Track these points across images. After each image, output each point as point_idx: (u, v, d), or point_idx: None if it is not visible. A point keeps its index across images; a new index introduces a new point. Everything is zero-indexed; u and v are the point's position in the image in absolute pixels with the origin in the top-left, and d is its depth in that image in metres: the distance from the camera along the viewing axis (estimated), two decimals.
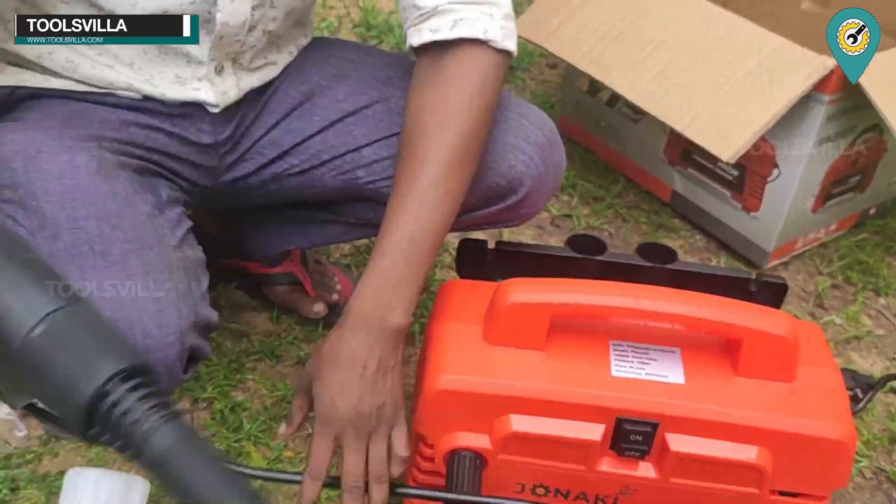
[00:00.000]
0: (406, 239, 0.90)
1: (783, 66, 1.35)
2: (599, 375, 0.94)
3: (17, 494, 1.10)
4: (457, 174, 0.92)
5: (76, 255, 0.83)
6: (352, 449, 0.90)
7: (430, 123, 0.92)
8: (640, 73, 1.46)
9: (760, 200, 1.50)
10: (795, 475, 0.96)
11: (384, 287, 0.90)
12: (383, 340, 0.91)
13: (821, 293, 1.50)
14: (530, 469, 0.98)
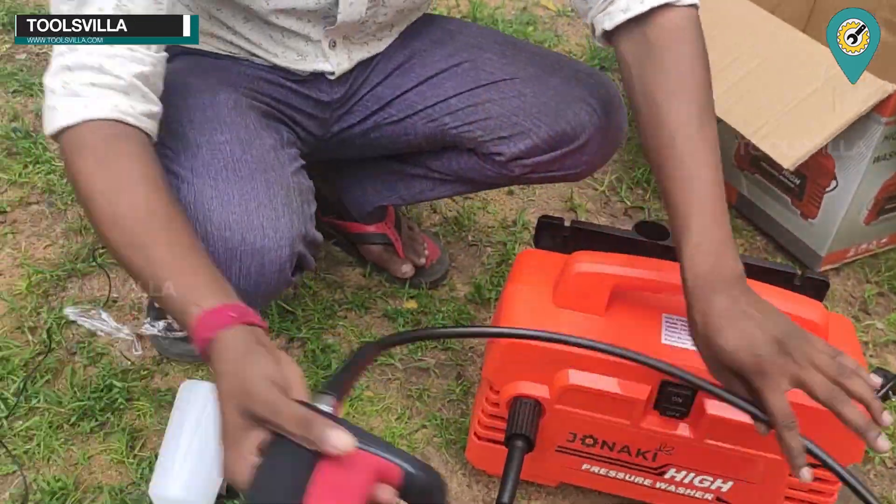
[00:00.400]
0: (712, 193, 0.91)
1: (847, 87, 1.46)
2: (650, 342, 1.08)
3: (130, 404, 1.29)
4: (713, 125, 0.95)
5: (211, 169, 1.00)
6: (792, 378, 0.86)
7: (672, 98, 0.95)
8: (717, 82, 1.57)
9: (818, 208, 1.61)
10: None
11: (722, 239, 0.90)
12: (743, 286, 0.90)
13: (867, 299, 1.61)
14: (582, 420, 1.12)
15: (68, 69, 0.87)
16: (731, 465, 1.12)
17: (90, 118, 0.85)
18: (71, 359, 1.32)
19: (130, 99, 0.89)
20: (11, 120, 1.78)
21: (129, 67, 0.89)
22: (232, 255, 0.98)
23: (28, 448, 1.19)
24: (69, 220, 1.57)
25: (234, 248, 0.98)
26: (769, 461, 1.10)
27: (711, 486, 1.15)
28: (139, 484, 1.16)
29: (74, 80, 0.87)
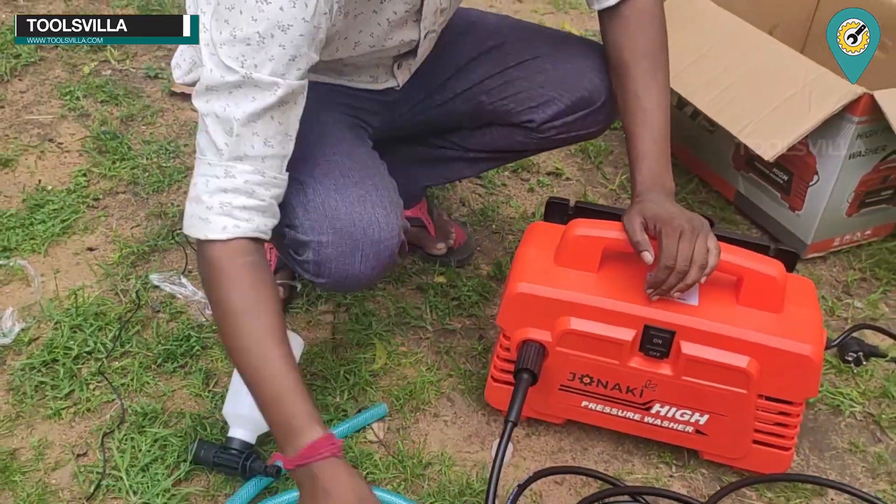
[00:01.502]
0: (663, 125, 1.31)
1: (821, 91, 1.69)
2: (635, 294, 1.31)
3: (205, 352, 1.55)
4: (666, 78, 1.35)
5: (330, 177, 1.27)
6: (687, 240, 1.19)
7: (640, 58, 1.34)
8: (710, 89, 1.83)
9: (803, 201, 1.83)
10: (776, 383, 1.30)
11: (662, 165, 1.30)
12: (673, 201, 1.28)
13: (849, 283, 1.82)
14: (579, 361, 1.35)
15: (225, 191, 1.11)
16: (706, 400, 1.34)
17: (237, 236, 1.11)
18: (155, 315, 1.59)
19: (266, 216, 1.14)
20: (101, 124, 2.08)
21: (272, 191, 1.14)
22: (356, 246, 1.25)
23: (123, 382, 1.46)
24: (151, 207, 1.85)
25: (357, 240, 1.25)
26: (737, 395, 1.31)
27: (690, 420, 1.37)
28: (213, 412, 1.42)
29: (230, 202, 1.10)
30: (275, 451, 1.35)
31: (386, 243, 1.27)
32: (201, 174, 1.12)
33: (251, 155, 1.11)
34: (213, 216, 1.11)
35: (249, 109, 1.08)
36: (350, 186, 1.27)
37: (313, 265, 1.26)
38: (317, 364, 1.53)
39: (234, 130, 1.09)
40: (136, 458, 1.33)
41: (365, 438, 1.41)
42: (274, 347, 1.10)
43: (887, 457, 1.45)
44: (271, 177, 1.14)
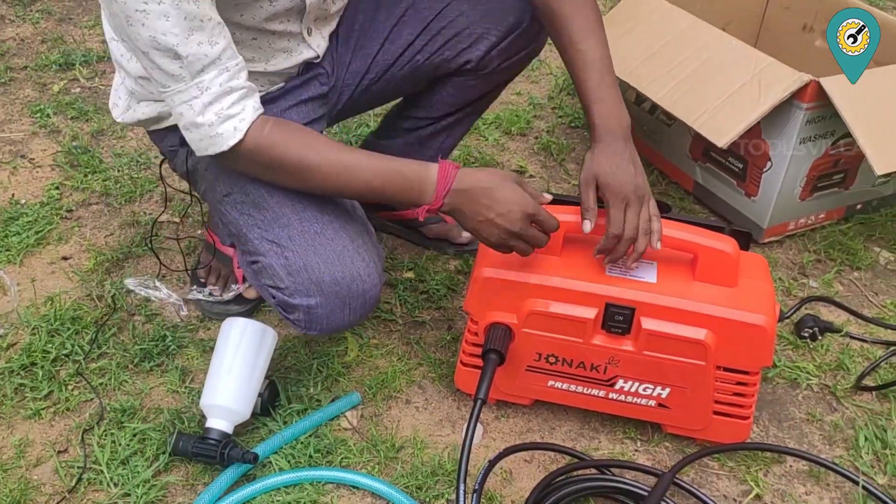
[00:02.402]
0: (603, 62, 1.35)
1: (770, 79, 1.77)
2: (596, 275, 1.37)
3: (181, 351, 1.59)
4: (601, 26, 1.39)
5: (307, 236, 1.34)
6: (633, 210, 1.29)
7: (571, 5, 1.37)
8: (665, 82, 1.90)
9: (758, 187, 1.90)
10: (733, 353, 1.37)
11: (611, 100, 1.33)
12: (629, 140, 1.33)
13: (804, 265, 1.89)
14: (544, 341, 1.40)
15: (210, 104, 1.20)
16: (667, 373, 1.40)
17: (248, 127, 1.22)
18: (131, 318, 1.64)
19: (253, 96, 1.24)
20: (72, 139, 2.12)
21: (242, 75, 1.23)
22: (343, 302, 1.34)
23: (102, 381, 1.50)
24: (123, 216, 1.89)
25: (344, 296, 1.34)
26: (696, 367, 1.37)
27: (653, 394, 1.43)
28: (190, 406, 1.47)
29: (222, 109, 1.20)
30: (252, 443, 1.40)
31: (370, 293, 1.36)
32: (179, 102, 1.21)
33: (208, 62, 1.18)
34: (217, 129, 1.21)
35: (173, 29, 1.14)
36: (327, 244, 1.34)
37: (304, 322, 1.36)
38: (290, 359, 1.58)
39: (179, 53, 1.16)
40: (116, 452, 1.37)
41: (339, 426, 1.46)
42: (350, 151, 1.29)
43: (843, 424, 1.51)
44: (234, 65, 1.22)
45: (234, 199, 1.39)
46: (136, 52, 1.19)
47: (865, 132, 1.71)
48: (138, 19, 1.13)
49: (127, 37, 1.18)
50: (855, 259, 1.91)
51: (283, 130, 1.26)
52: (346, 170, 1.27)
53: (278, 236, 1.34)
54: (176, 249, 1.81)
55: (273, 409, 1.46)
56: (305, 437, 1.41)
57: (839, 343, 1.68)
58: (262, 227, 1.36)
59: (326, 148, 1.28)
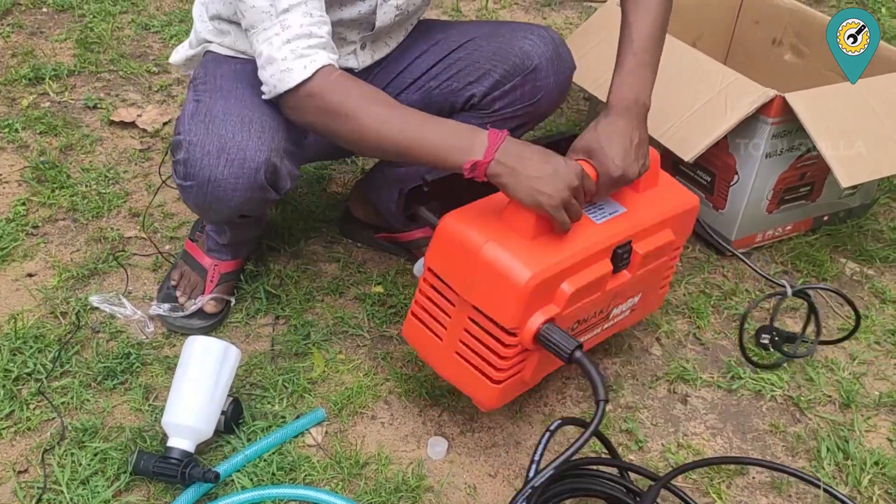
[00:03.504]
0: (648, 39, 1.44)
1: (736, 94, 1.78)
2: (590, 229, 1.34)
3: (145, 368, 1.59)
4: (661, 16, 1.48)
5: (227, 97, 1.42)
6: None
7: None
8: None
9: (726, 200, 1.92)
10: (681, 236, 1.50)
11: (636, 77, 1.41)
12: (639, 119, 1.40)
13: (772, 276, 1.90)
14: (575, 312, 1.34)
15: (288, 41, 1.30)
16: (644, 282, 1.47)
17: (316, 69, 1.30)
18: (95, 336, 1.63)
19: (328, 51, 1.33)
20: (40, 154, 2.11)
21: (324, 28, 1.33)
22: (222, 147, 1.38)
23: (63, 400, 1.49)
24: (90, 232, 1.88)
25: (225, 143, 1.38)
26: (662, 263, 1.48)
27: (630, 304, 1.49)
28: (153, 425, 1.46)
29: (298, 47, 1.30)
30: (215, 461, 1.40)
31: (251, 153, 1.38)
32: (262, 40, 1.32)
33: (294, 3, 1.30)
34: (290, 63, 1.30)
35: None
36: (240, 108, 1.41)
37: (182, 165, 1.40)
38: (255, 375, 1.57)
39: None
40: (77, 472, 1.36)
41: (303, 443, 1.45)
42: (401, 108, 1.31)
43: (805, 436, 1.52)
44: (319, 16, 1.33)
45: (197, 83, 1.50)
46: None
47: (831, 146, 1.72)
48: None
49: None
50: (821, 270, 1.92)
51: (348, 81, 1.32)
52: (403, 118, 1.30)
53: (205, 95, 1.45)
54: (144, 265, 1.81)
55: (237, 426, 1.45)
56: (269, 455, 1.41)
57: (803, 358, 1.69)
58: (199, 91, 1.47)
59: (384, 101, 1.32)
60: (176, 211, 1.96)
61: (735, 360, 1.67)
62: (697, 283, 1.87)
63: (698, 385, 1.62)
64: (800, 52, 2.22)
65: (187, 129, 1.40)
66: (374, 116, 1.30)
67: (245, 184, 1.39)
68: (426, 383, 1.57)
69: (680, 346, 1.71)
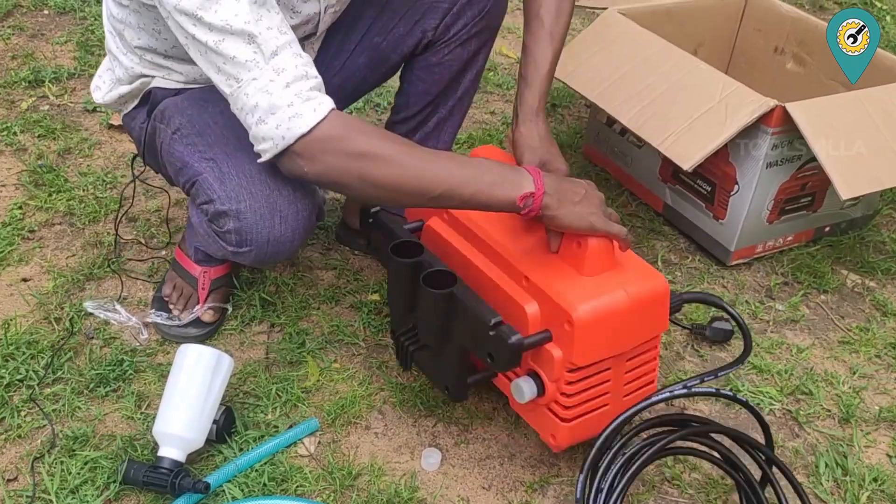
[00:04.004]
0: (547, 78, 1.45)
1: (736, 103, 1.76)
2: None
3: (138, 375, 1.57)
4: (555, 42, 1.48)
5: (243, 151, 1.33)
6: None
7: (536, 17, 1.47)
8: (633, 104, 1.89)
9: (726, 210, 1.89)
10: None
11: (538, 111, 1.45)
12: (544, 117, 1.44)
13: (772, 287, 1.88)
14: None
15: (288, 85, 1.19)
16: None
17: (329, 110, 1.20)
18: (89, 342, 1.61)
19: (325, 91, 1.24)
20: (38, 158, 2.10)
21: (314, 68, 1.23)
22: (273, 208, 1.34)
23: (55, 407, 1.47)
24: (86, 237, 1.87)
25: (274, 201, 1.34)
26: None
27: None
28: (145, 433, 1.44)
29: (301, 89, 1.19)
30: (206, 471, 1.38)
31: (303, 202, 1.35)
32: (256, 90, 1.19)
33: (280, 45, 1.19)
34: (298, 108, 1.19)
35: (244, 10, 1.17)
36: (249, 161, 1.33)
37: (235, 234, 1.34)
38: (249, 383, 1.55)
39: (252, 33, 1.17)
40: (66, 481, 1.34)
41: (296, 453, 1.43)
42: (435, 150, 1.27)
43: (804, 451, 1.50)
44: (305, 56, 1.23)
45: (182, 133, 1.40)
46: (206, 52, 1.20)
47: (831, 157, 1.70)
48: (210, 6, 1.16)
49: (193, 38, 1.19)
50: (822, 282, 1.90)
51: (365, 123, 1.26)
52: (443, 158, 1.24)
53: (216, 154, 1.36)
54: (140, 271, 1.79)
55: (229, 436, 1.43)
56: (260, 465, 1.39)
57: (804, 368, 1.67)
58: (202, 149, 1.38)
59: (412, 143, 1.27)
60: (173, 216, 1.94)
61: (734, 372, 1.65)
62: None
63: (696, 398, 1.59)
64: (802, 61, 2.20)
65: (227, 197, 1.33)
66: (414, 157, 1.22)
67: (302, 233, 1.38)
68: (421, 393, 1.55)
69: (678, 357, 1.69)
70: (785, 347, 1.72)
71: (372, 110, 2.47)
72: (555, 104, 2.55)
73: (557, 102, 2.56)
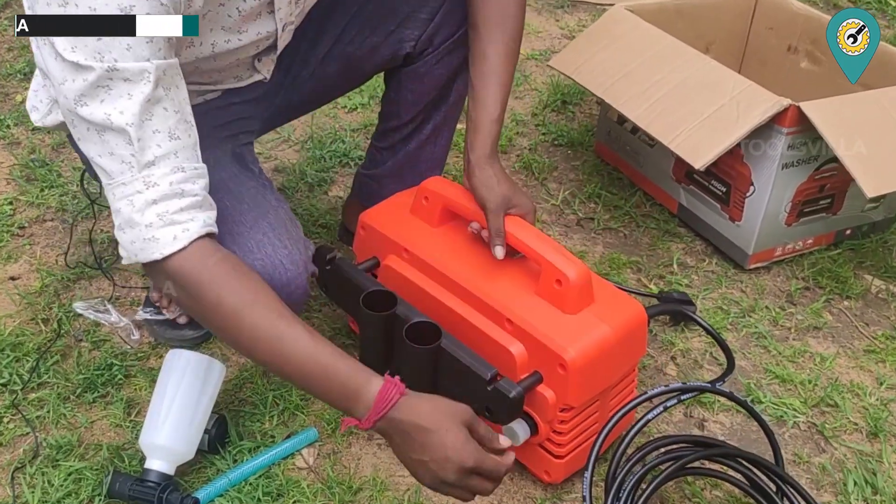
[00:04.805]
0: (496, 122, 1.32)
1: (749, 102, 1.66)
2: None
3: (128, 380, 1.47)
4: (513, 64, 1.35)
5: (223, 226, 1.15)
6: None
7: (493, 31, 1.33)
8: (641, 101, 1.79)
9: (742, 212, 1.79)
10: None
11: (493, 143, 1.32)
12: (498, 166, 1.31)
13: (792, 293, 1.78)
14: None
15: (155, 202, 1.02)
16: None
17: (192, 240, 1.03)
18: (77, 344, 1.51)
19: (205, 210, 1.07)
20: (31, 152, 2.00)
21: (199, 183, 1.07)
22: (264, 272, 1.18)
23: (39, 414, 1.37)
24: (78, 234, 1.77)
25: (265, 264, 1.19)
26: None
27: None
28: (133, 442, 1.34)
29: (166, 211, 1.03)
30: (197, 484, 1.28)
31: (296, 283, 1.22)
32: (121, 197, 1.04)
33: (161, 154, 1.03)
34: (156, 232, 1.03)
35: (134, 108, 1.00)
36: (246, 233, 1.20)
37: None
38: (245, 390, 1.45)
39: (133, 136, 1.00)
40: (48, 494, 1.24)
41: (293, 465, 1.33)
42: (288, 327, 1.04)
43: (831, 468, 1.39)
44: (192, 168, 1.06)
45: None
46: (90, 136, 1.03)
47: (851, 156, 1.59)
48: (96, 96, 0.99)
49: (77, 116, 1.02)
50: (845, 287, 1.79)
51: (228, 268, 1.06)
52: (280, 342, 1.04)
53: None
54: (133, 270, 1.69)
55: (222, 446, 1.33)
56: (255, 478, 1.29)
57: (828, 377, 1.57)
58: None
59: (268, 309, 1.05)
60: None
61: (755, 381, 1.54)
62: (715, 299, 1.74)
63: (716, 409, 1.49)
64: (816, 60, 2.09)
65: None
66: (250, 327, 1.04)
67: (298, 297, 1.24)
68: None
69: (696, 366, 1.58)
70: (808, 356, 1.62)
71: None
72: (565, 101, 2.44)
73: (568, 99, 2.45)
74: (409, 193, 1.45)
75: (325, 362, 1.03)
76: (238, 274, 1.06)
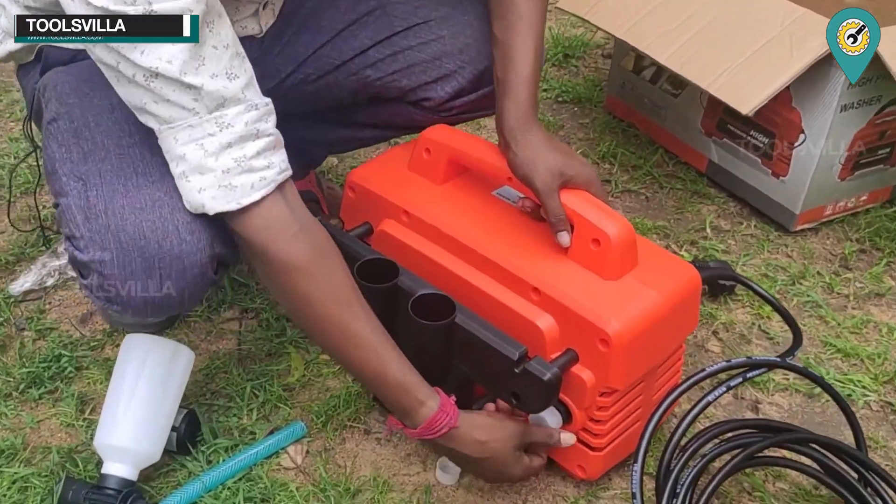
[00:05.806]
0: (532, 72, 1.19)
1: (804, 33, 1.57)
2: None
3: (80, 373, 1.38)
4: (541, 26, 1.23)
5: (121, 174, 1.07)
6: None
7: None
8: (672, 39, 1.70)
9: (788, 165, 1.70)
10: None
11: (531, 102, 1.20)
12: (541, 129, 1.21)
13: (847, 256, 1.69)
14: None
15: (230, 146, 1.00)
16: None
17: (265, 194, 1.03)
18: (20, 334, 1.42)
19: (279, 150, 1.06)
20: None
21: (271, 120, 1.05)
22: (149, 265, 1.05)
23: None
24: (18, 211, 1.67)
25: (151, 257, 1.05)
26: None
27: None
28: (88, 444, 1.25)
29: (244, 155, 1.01)
30: (165, 490, 1.20)
31: (191, 258, 1.07)
32: (187, 141, 1.00)
33: (229, 95, 0.99)
34: (234, 178, 1.01)
35: (184, 55, 0.95)
36: (145, 186, 1.06)
37: (98, 290, 1.08)
38: (218, 380, 1.37)
39: (193, 83, 0.96)
40: None
41: (279, 465, 1.25)
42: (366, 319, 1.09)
43: None
44: (263, 104, 1.03)
45: (58, 127, 1.14)
46: (135, 87, 0.98)
47: None
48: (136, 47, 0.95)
49: (120, 73, 0.97)
50: None
51: (312, 231, 1.08)
52: (345, 334, 1.07)
53: (88, 171, 1.08)
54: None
55: (193, 445, 1.24)
56: (234, 482, 1.21)
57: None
58: (74, 159, 1.10)
59: (338, 304, 1.07)
60: None
61: (814, 356, 1.46)
62: (758, 265, 1.66)
63: (770, 389, 1.40)
64: None
65: (89, 241, 1.06)
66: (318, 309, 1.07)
67: (194, 293, 1.11)
68: None
69: (743, 340, 1.50)
70: (872, 326, 1.53)
71: None
72: (567, 54, 2.36)
73: (570, 52, 2.37)
74: (406, 147, 1.35)
75: (390, 365, 1.08)
76: (314, 254, 1.07)
